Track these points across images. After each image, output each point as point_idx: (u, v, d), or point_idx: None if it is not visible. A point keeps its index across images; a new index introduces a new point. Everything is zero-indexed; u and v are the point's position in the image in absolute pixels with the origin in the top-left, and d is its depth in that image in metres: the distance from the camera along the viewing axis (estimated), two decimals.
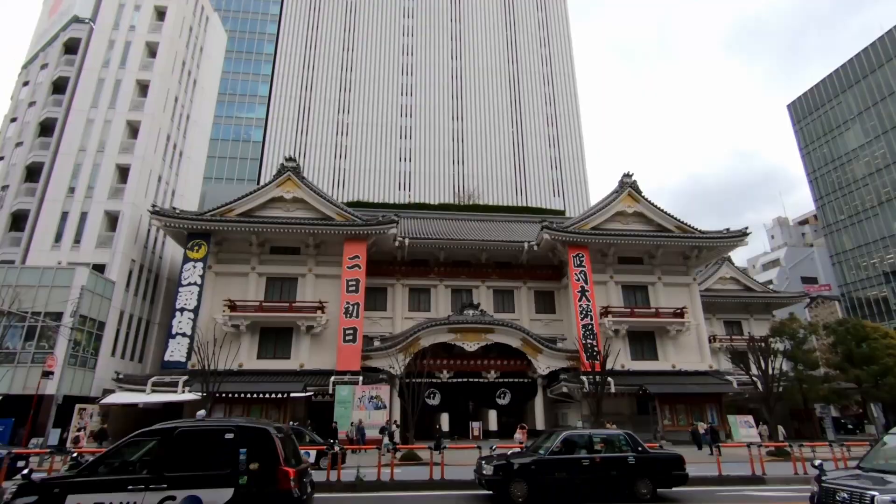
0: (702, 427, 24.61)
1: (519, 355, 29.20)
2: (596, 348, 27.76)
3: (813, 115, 78.88)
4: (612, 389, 26.70)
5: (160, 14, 37.09)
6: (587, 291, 30.12)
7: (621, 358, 29.13)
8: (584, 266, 30.62)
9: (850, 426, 36.53)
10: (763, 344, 26.25)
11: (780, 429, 26.71)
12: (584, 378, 26.39)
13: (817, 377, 31.46)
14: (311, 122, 71.97)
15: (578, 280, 30.28)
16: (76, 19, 35.35)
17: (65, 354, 24.51)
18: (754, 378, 25.71)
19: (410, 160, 71.86)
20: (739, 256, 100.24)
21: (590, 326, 29.26)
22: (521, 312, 32.86)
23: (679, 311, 30.78)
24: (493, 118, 76.31)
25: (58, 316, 24.99)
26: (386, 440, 22.66)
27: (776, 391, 25.16)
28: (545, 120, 77.76)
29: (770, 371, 24.63)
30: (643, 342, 31.37)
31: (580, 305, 29.76)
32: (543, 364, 28.86)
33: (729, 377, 30.17)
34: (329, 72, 75.24)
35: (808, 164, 79.20)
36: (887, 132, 66.63)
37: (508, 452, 12.39)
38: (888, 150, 66.26)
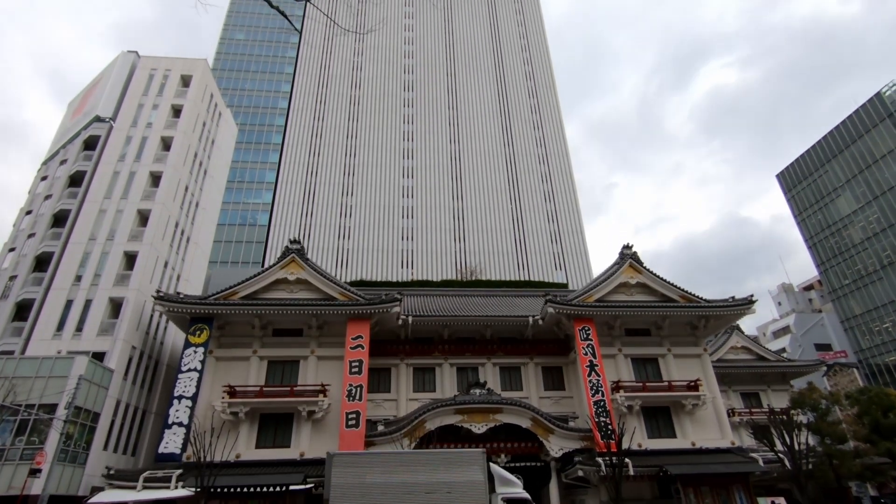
0: None
1: (530, 437, 27.80)
2: (610, 427, 26.49)
3: (803, 183, 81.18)
4: (631, 471, 25.12)
5: (176, 112, 39.66)
6: (596, 366, 29.31)
7: (637, 436, 27.71)
8: (591, 339, 30.05)
9: None
10: (785, 417, 25.06)
11: None
12: (599, 460, 24.93)
13: (847, 452, 29.65)
14: (315, 205, 74.28)
15: (586, 354, 29.58)
16: (97, 119, 37.76)
17: (55, 450, 23.45)
18: (780, 455, 24.26)
19: (412, 239, 73.21)
20: (748, 325, 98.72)
21: (602, 403, 28.13)
22: (530, 390, 31.77)
23: (693, 383, 29.74)
24: (492, 196, 78.73)
25: (52, 408, 24.23)
26: None
27: (805, 468, 23.62)
28: (542, 196, 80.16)
29: (796, 447, 23.28)
30: (659, 419, 29.98)
31: (590, 381, 28.82)
32: (556, 445, 27.40)
33: (753, 454, 28.45)
34: (333, 158, 78.90)
35: (804, 230, 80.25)
36: (878, 197, 68.14)
37: None
38: (881, 214, 67.38)
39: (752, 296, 31.98)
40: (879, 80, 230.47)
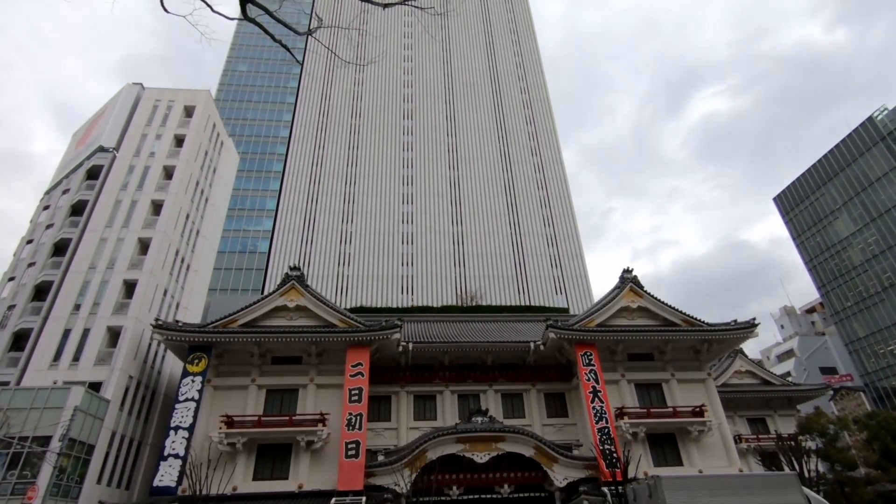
0: None
1: (533, 466, 27.20)
2: (615, 455, 25.96)
3: (800, 206, 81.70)
4: None
5: (179, 141, 40.23)
6: (599, 392, 28.90)
7: (643, 464, 27.12)
8: (593, 365, 29.73)
9: None
10: (793, 443, 24.59)
11: None
12: (605, 490, 24.32)
13: (859, 479, 29.00)
14: (315, 232, 74.57)
15: (589, 380, 29.21)
16: (101, 149, 38.26)
17: (48, 484, 22.89)
18: None
19: (412, 264, 73.22)
20: (751, 348, 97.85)
21: (606, 430, 27.63)
22: (532, 417, 31.25)
23: (698, 409, 29.27)
24: (492, 221, 79.14)
25: (46, 440, 23.77)
26: None
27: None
28: (542, 221, 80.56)
29: (806, 474, 22.79)
30: (664, 446, 29.39)
31: (594, 407, 28.37)
32: (560, 475, 26.77)
33: None
34: (333, 185, 79.64)
35: (804, 252, 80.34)
36: (875, 219, 68.48)
37: None
38: (880, 236, 67.60)
39: (754, 319, 31.79)
40: (868, 104, 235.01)
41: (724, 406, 32.35)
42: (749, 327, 31.57)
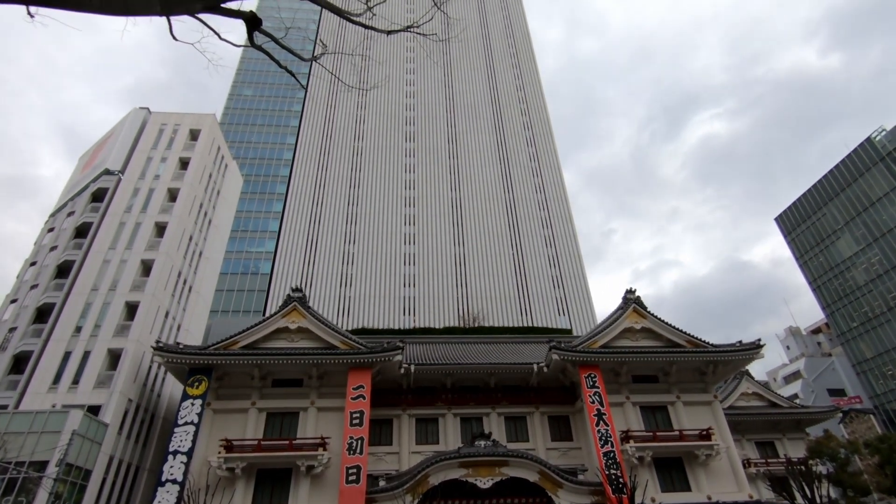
0: None
1: (538, 491, 26.62)
2: (621, 480, 25.42)
3: (802, 226, 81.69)
4: None
5: (184, 164, 40.68)
6: (604, 415, 28.45)
7: (650, 490, 26.54)
8: (597, 387, 29.35)
9: None
10: (804, 468, 24.08)
11: None
12: None
13: None
14: (317, 254, 74.69)
15: (594, 402, 28.79)
16: (107, 171, 38.69)
17: None
18: None
19: (414, 285, 73.06)
20: (757, 369, 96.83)
21: (611, 454, 27.11)
22: (536, 441, 30.73)
23: (705, 432, 28.77)
24: (494, 242, 79.22)
25: (43, 465, 23.43)
26: None
27: None
28: (543, 241, 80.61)
29: (818, 499, 22.26)
30: (671, 471, 28.79)
31: (598, 430, 27.90)
32: (566, 501, 26.17)
33: None
34: (336, 206, 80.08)
35: (807, 273, 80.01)
36: (878, 239, 68.36)
37: None
38: (883, 256, 67.39)
39: (759, 340, 31.49)
40: (864, 126, 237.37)
41: (732, 429, 31.80)
42: (754, 348, 31.25)
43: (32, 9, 5.23)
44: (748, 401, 37.69)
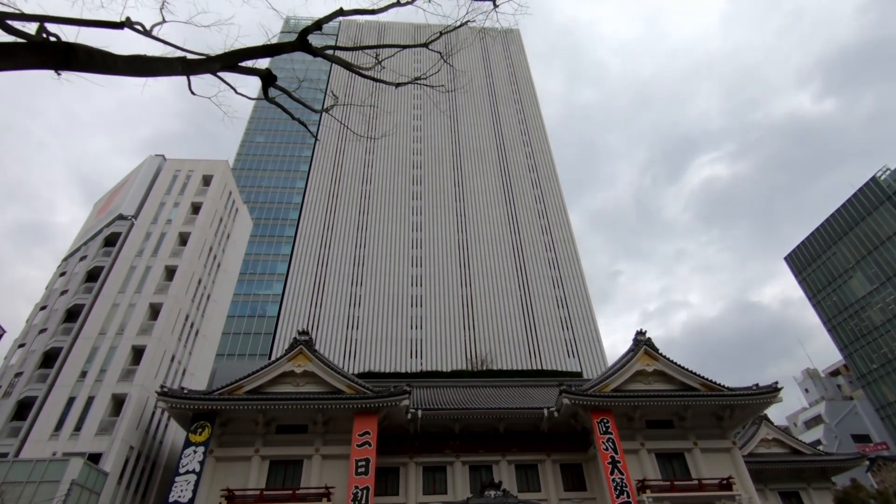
0: None
1: None
2: None
3: (813, 265, 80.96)
4: None
5: (195, 208, 41.50)
6: (618, 462, 27.38)
7: None
8: (611, 433, 28.38)
9: None
10: None
11: None
12: None
13: None
14: (325, 296, 74.72)
15: (607, 449, 27.78)
16: (120, 217, 39.51)
17: None
18: None
19: (421, 327, 72.47)
20: (776, 414, 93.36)
21: None
22: (549, 491, 29.49)
23: (725, 481, 27.52)
24: (501, 283, 78.99)
25: None
26: None
27: None
28: (551, 283, 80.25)
29: None
30: None
31: (613, 480, 26.77)
32: None
33: None
34: (343, 249, 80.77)
35: (821, 313, 78.62)
36: (891, 278, 67.40)
37: None
38: None
39: (776, 383, 30.60)
40: (865, 166, 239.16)
41: (753, 478, 30.40)
42: (772, 391, 30.32)
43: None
44: (769, 447, 36.19)
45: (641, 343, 32.31)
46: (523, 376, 43.35)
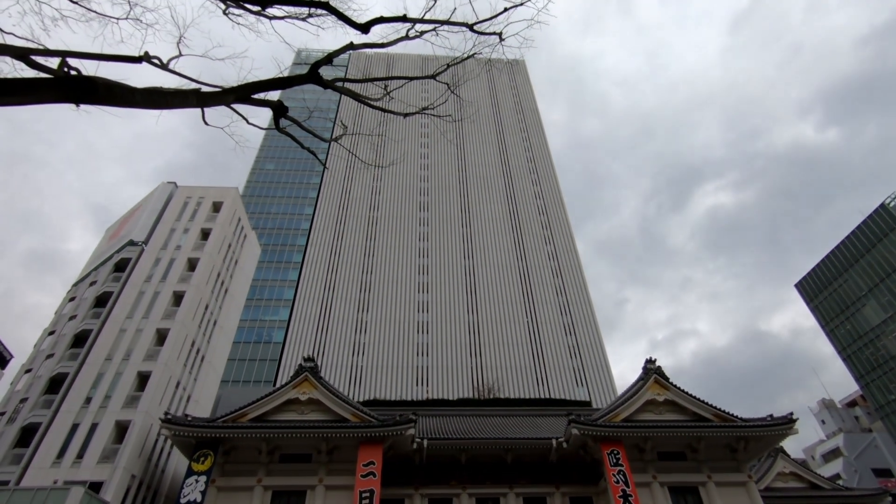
0: None
1: None
2: None
3: (824, 292, 79.86)
4: None
5: (205, 235, 41.97)
6: (630, 496, 26.53)
7: None
8: (621, 465, 27.61)
9: None
10: None
11: None
12: None
13: None
14: (331, 321, 74.51)
15: (618, 482, 26.97)
16: (131, 242, 40.01)
17: None
18: None
19: (428, 354, 71.81)
20: (792, 446, 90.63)
21: None
22: None
23: None
24: (507, 309, 78.46)
25: None
26: None
27: None
28: (558, 310, 79.60)
29: None
30: None
31: None
32: None
33: None
34: (350, 275, 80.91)
35: (835, 342, 77.11)
36: None
37: None
38: None
39: (791, 414, 29.79)
40: (871, 194, 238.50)
41: None
42: (787, 423, 29.49)
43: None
44: (786, 481, 35.01)
45: (651, 371, 31.73)
46: (531, 405, 42.54)
